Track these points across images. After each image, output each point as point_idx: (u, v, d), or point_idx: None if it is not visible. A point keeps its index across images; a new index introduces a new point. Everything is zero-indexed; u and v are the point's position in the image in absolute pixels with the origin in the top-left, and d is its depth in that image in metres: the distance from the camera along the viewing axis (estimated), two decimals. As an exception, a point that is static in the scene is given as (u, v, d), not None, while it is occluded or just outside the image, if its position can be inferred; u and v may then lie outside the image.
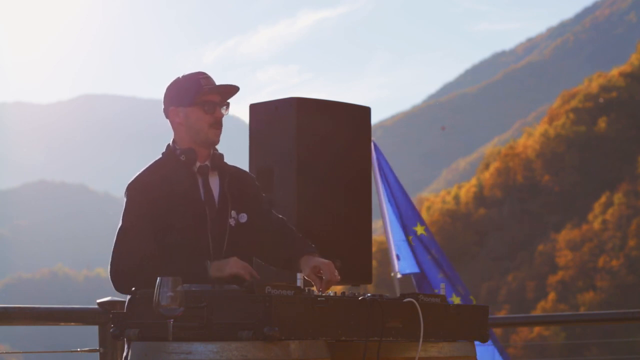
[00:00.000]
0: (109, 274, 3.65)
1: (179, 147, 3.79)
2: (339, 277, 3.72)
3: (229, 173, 3.84)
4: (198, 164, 3.78)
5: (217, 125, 3.76)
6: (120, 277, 3.61)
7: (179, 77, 3.83)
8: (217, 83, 3.82)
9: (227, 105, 3.82)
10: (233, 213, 3.78)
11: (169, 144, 3.85)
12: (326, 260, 3.75)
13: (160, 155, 3.83)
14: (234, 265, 3.55)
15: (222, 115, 3.77)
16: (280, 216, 3.99)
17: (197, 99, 3.74)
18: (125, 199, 3.72)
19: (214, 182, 3.81)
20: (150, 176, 3.75)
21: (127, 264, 3.60)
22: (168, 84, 3.87)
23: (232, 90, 3.81)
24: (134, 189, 3.71)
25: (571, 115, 51.52)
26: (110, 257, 3.67)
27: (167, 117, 3.83)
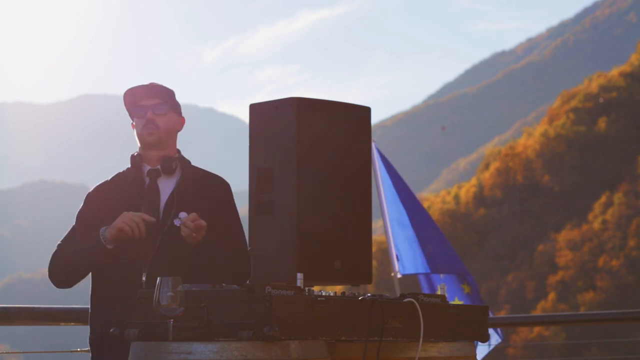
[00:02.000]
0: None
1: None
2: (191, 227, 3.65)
3: (187, 176, 3.85)
4: (147, 167, 3.83)
5: (148, 125, 3.80)
6: (50, 272, 3.93)
7: None
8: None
9: (160, 104, 3.82)
10: (182, 215, 3.71)
11: None
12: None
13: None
14: (120, 219, 3.58)
15: (152, 117, 3.80)
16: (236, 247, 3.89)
17: (133, 107, 3.85)
18: None
19: (167, 184, 3.83)
20: (104, 183, 3.89)
21: (52, 257, 3.91)
22: (164, 83, 3.96)
23: (158, 90, 3.85)
24: (86, 197, 3.90)
25: (571, 115, 51.50)
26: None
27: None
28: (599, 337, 32.99)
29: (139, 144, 3.86)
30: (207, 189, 3.88)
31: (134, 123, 3.87)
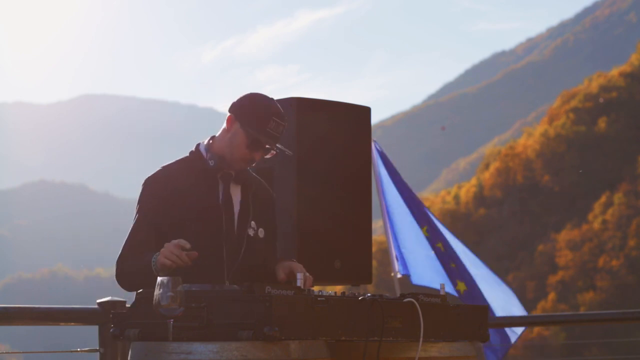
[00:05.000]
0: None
1: (212, 150, 3.79)
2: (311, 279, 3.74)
3: (255, 184, 3.89)
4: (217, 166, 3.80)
5: (250, 162, 3.79)
6: (117, 277, 3.69)
7: (260, 97, 3.79)
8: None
9: (272, 152, 3.80)
10: (253, 224, 3.81)
11: (199, 144, 3.85)
12: (298, 264, 3.81)
13: (188, 154, 3.84)
14: (161, 253, 3.49)
15: (259, 159, 3.78)
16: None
17: (253, 132, 3.71)
18: (139, 195, 3.75)
19: (236, 190, 3.82)
20: (167, 171, 3.77)
21: (120, 263, 3.67)
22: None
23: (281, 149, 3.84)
24: (146, 183, 3.75)
25: (571, 115, 51.48)
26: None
27: (227, 115, 3.82)
28: (599, 337, 32.96)
29: (227, 151, 3.76)
30: (266, 198, 3.94)
31: (238, 130, 3.73)
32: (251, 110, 3.74)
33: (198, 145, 3.84)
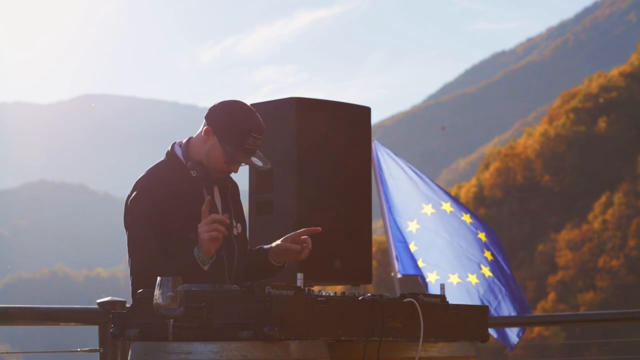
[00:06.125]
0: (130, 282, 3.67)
1: (190, 156, 3.77)
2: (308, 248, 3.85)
3: (229, 181, 3.89)
4: (194, 171, 3.78)
5: (227, 174, 3.80)
6: (135, 280, 3.64)
7: (237, 109, 3.73)
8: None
9: (247, 163, 3.77)
10: (234, 222, 3.84)
11: (175, 145, 3.81)
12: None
13: (165, 157, 3.80)
14: (201, 234, 3.49)
15: (236, 171, 3.78)
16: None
17: (231, 150, 3.69)
18: (130, 205, 3.68)
19: (215, 192, 3.83)
20: (153, 181, 3.71)
21: (142, 273, 3.62)
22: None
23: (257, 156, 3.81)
24: (138, 196, 3.68)
25: (571, 115, 51.46)
26: (130, 267, 3.67)
27: (203, 124, 3.77)
28: (599, 337, 32.96)
29: (206, 161, 3.74)
30: (236, 191, 3.96)
31: (215, 142, 3.70)
32: (229, 127, 3.69)
33: (173, 146, 3.81)
